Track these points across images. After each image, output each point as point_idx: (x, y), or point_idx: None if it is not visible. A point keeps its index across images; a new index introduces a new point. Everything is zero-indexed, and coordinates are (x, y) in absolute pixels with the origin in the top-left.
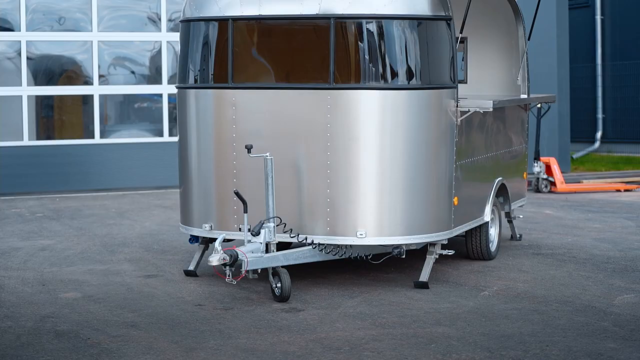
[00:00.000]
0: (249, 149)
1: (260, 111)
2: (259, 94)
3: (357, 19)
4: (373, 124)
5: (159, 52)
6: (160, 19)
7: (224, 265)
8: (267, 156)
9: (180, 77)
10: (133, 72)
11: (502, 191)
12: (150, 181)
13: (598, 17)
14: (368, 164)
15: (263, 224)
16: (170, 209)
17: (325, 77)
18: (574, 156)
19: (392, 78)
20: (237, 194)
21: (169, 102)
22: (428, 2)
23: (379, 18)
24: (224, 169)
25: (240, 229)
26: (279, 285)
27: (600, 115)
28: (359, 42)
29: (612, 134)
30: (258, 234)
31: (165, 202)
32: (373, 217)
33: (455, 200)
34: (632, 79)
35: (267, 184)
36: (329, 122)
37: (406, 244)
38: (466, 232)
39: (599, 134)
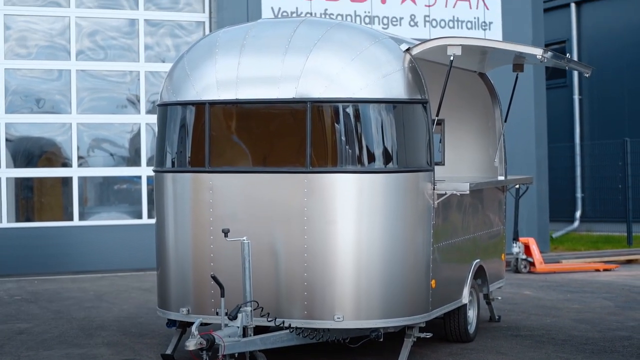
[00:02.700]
0: (225, 233)
1: (237, 195)
2: (236, 177)
3: (334, 103)
4: (350, 207)
5: (138, 134)
6: (139, 101)
7: (201, 349)
8: (244, 240)
9: (158, 161)
10: (112, 154)
11: (480, 273)
12: (129, 263)
13: (576, 97)
14: (345, 247)
15: (240, 307)
16: (148, 291)
17: (302, 161)
18: (554, 235)
19: (369, 161)
20: (214, 278)
21: (148, 184)
22: (404, 86)
23: (355, 102)
24: (201, 253)
25: (217, 313)
26: None
27: (579, 195)
28: (336, 126)
29: (591, 213)
30: (235, 318)
31: (144, 284)
32: (350, 301)
33: (433, 282)
34: (611, 158)
35: (244, 267)
36: (306, 206)
37: (384, 327)
38: (444, 314)
39: (578, 213)
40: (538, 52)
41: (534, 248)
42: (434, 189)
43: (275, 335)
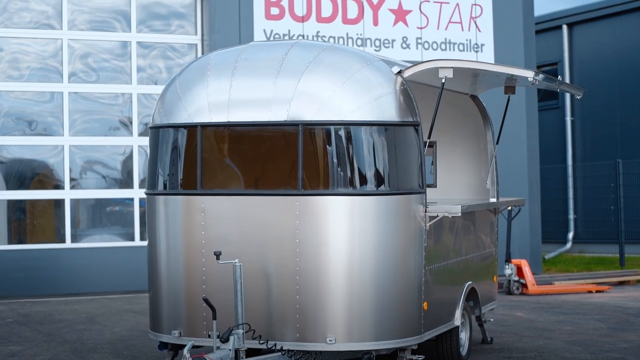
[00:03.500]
0: (217, 255)
1: (229, 217)
2: (228, 200)
3: (325, 126)
4: (342, 229)
5: (130, 156)
6: (131, 123)
7: None
8: (236, 262)
9: (150, 183)
10: (104, 176)
11: (472, 295)
12: (121, 285)
13: (568, 119)
14: (337, 269)
15: (232, 330)
16: (140, 313)
17: (294, 183)
18: (546, 257)
19: (361, 184)
20: (206, 300)
21: (140, 206)
22: (396, 109)
23: (347, 124)
24: (193, 275)
25: (209, 336)
26: None
27: (571, 216)
28: (327, 148)
29: (584, 235)
30: (227, 340)
31: (135, 306)
32: (342, 323)
33: (425, 305)
34: (603, 180)
35: (236, 290)
36: (298, 228)
37: (376, 350)
38: (436, 336)
39: (570, 235)
40: (529, 74)
41: (527, 270)
42: (425, 212)
43: (267, 358)
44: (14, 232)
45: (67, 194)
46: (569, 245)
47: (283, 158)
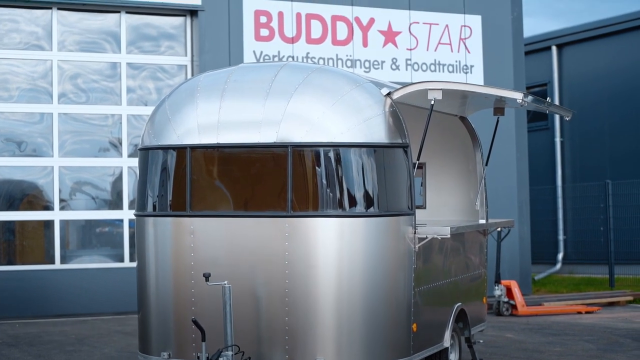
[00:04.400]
0: (206, 277)
1: (218, 239)
2: (217, 221)
3: (315, 147)
4: (331, 251)
5: (120, 177)
6: (121, 144)
7: None
8: (225, 284)
9: (139, 205)
10: (94, 198)
11: (461, 316)
12: (110, 307)
13: (557, 140)
14: (326, 291)
15: (221, 352)
16: (130, 335)
17: (283, 205)
18: (536, 278)
19: (350, 205)
20: (195, 322)
21: (130, 227)
22: (385, 130)
23: (336, 146)
24: (182, 297)
25: (198, 357)
26: None
27: (561, 237)
28: (317, 170)
29: (573, 255)
30: None
31: (125, 327)
32: (332, 344)
33: (414, 326)
34: (593, 200)
35: (226, 312)
36: (287, 250)
37: None
38: (426, 357)
39: (560, 255)
40: (518, 96)
41: (516, 291)
42: (415, 233)
43: None
44: (3, 253)
45: (56, 215)
46: (558, 266)
47: (272, 179)
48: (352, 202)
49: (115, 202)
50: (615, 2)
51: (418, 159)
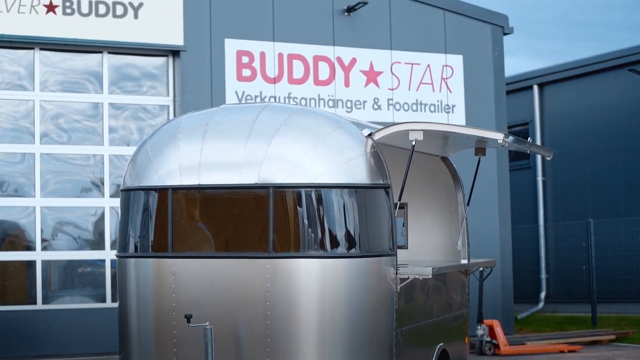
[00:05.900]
0: (188, 318)
1: (200, 280)
2: (198, 263)
3: (296, 188)
4: (313, 292)
5: (102, 217)
6: (103, 184)
7: None
8: (206, 325)
9: (121, 246)
10: (76, 238)
11: (444, 356)
12: (92, 347)
13: (539, 179)
14: (308, 332)
15: None
16: None
17: (264, 246)
18: (519, 317)
19: (332, 246)
20: None
21: (112, 267)
22: (366, 171)
23: (317, 187)
24: (163, 338)
25: None
26: None
27: (543, 276)
28: (298, 211)
29: (556, 294)
30: None
31: None
32: None
33: None
34: (575, 239)
35: (207, 353)
36: (268, 291)
37: None
38: None
39: (543, 294)
40: (499, 136)
41: (499, 330)
42: (396, 273)
43: None
44: None
45: (38, 255)
46: (541, 305)
47: (254, 220)
48: (334, 242)
49: (97, 242)
50: (592, 42)
51: (399, 200)
